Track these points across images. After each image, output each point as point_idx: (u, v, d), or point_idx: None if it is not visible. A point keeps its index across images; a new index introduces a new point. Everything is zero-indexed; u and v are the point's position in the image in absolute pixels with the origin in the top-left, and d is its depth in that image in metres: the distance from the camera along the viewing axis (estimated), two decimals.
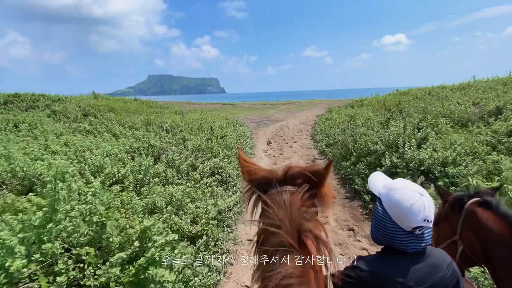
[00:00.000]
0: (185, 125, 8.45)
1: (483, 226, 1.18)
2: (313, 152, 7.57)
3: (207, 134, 7.68)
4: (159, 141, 5.20)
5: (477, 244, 1.20)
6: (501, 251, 1.12)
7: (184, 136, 6.59)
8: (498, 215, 1.17)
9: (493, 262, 1.16)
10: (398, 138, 4.58)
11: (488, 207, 1.21)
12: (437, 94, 11.71)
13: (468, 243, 1.24)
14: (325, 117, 11.73)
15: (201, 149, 5.62)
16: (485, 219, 1.18)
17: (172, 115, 12.37)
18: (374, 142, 4.87)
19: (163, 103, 23.00)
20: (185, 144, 6.01)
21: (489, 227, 1.16)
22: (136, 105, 16.12)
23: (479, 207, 1.23)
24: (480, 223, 1.19)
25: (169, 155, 4.36)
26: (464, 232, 1.25)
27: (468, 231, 1.23)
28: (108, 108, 12.26)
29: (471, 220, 1.22)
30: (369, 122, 6.88)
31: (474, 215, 1.22)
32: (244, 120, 14.63)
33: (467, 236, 1.24)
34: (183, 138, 6.58)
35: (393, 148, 4.57)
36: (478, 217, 1.20)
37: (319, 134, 8.93)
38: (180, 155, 4.52)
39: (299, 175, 0.71)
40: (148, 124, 8.50)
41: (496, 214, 1.18)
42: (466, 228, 1.24)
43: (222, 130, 9.17)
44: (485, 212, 1.20)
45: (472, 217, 1.22)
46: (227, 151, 6.59)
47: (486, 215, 1.19)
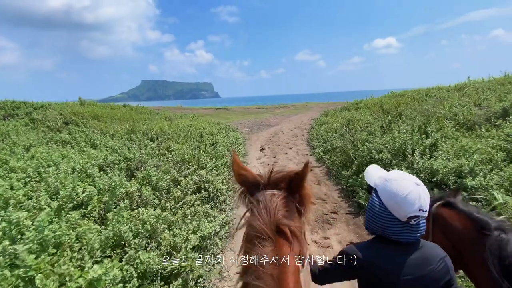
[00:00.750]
0: (172, 133, 7.88)
1: (450, 226, 1.23)
2: (310, 159, 7.06)
3: (195, 142, 7.12)
4: (139, 152, 4.63)
5: (448, 245, 1.22)
6: (470, 246, 1.16)
7: (169, 146, 6.02)
8: (461, 213, 1.22)
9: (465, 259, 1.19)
10: (405, 145, 4.10)
11: (451, 207, 1.26)
12: (434, 96, 11.40)
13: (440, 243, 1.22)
14: (321, 121, 11.28)
15: (187, 159, 5.06)
16: (450, 219, 1.24)
17: (161, 122, 11.79)
18: (378, 149, 4.38)
19: (154, 109, 22.34)
20: (169, 154, 5.44)
21: (455, 226, 1.21)
22: (124, 112, 15.48)
23: (443, 208, 1.28)
24: (446, 223, 1.24)
25: (147, 169, 3.79)
26: (435, 234, 1.29)
27: (438, 233, 1.28)
28: (92, 115, 11.63)
29: (438, 222, 1.28)
30: (369, 126, 6.42)
31: (440, 217, 1.27)
32: (237, 125, 14.10)
33: (438, 237, 1.27)
34: (168, 147, 6.01)
35: (400, 156, 4.09)
36: (444, 217, 1.26)
37: (315, 139, 8.44)
38: (159, 169, 3.95)
39: (281, 179, 0.79)
40: (132, 132, 7.91)
41: (459, 212, 1.23)
42: (437, 230, 1.29)
43: (213, 137, 8.62)
44: (449, 212, 1.26)
45: (439, 219, 1.28)
46: (217, 160, 6.04)
47: (451, 214, 1.25)
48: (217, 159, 6.18)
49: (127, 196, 3.20)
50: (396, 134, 4.49)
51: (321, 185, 5.25)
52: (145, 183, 3.64)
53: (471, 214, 1.20)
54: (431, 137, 4.08)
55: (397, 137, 4.37)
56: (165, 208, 3.30)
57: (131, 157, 4.17)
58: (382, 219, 0.93)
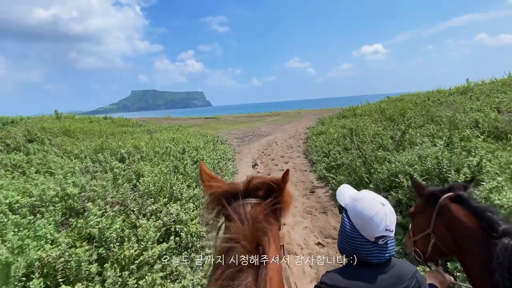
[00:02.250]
0: (148, 150, 6.74)
1: (455, 220, 1.21)
2: (311, 177, 6.02)
3: (174, 161, 5.99)
4: (89, 185, 3.48)
5: (449, 237, 1.21)
6: (472, 244, 1.14)
7: (139, 169, 4.88)
8: (469, 210, 1.19)
9: (465, 255, 1.19)
10: (440, 165, 3.10)
11: (460, 201, 1.23)
12: (438, 100, 10.64)
13: (440, 236, 1.26)
14: (317, 130, 10.32)
15: (156, 189, 3.94)
16: (457, 214, 1.21)
17: (142, 135, 10.60)
18: (404, 172, 3.36)
19: (140, 120, 21.09)
20: (135, 181, 4.31)
21: (460, 221, 1.19)
22: (105, 125, 14.23)
23: (452, 202, 1.25)
24: (452, 217, 1.22)
25: (89, 212, 2.65)
26: (437, 226, 1.27)
27: (441, 225, 1.26)
28: (63, 131, 10.35)
29: (443, 215, 1.25)
30: (377, 137, 5.44)
31: (446, 210, 1.24)
32: (226, 136, 13.03)
33: (439, 230, 1.26)
34: (137, 171, 4.87)
35: (434, 180, 3.08)
36: (450, 211, 1.23)
37: (313, 151, 7.43)
38: (106, 213, 2.81)
39: (261, 186, 0.72)
40: (102, 151, 6.74)
41: (467, 208, 1.20)
42: (439, 222, 1.26)
43: (198, 152, 7.52)
44: (457, 206, 1.22)
45: (445, 212, 1.25)
46: (198, 185, 4.92)
47: (458, 209, 1.21)
48: (197, 183, 5.06)
49: (45, 265, 2.06)
50: (425, 150, 3.48)
51: (328, 215, 4.20)
52: (83, 237, 2.51)
53: (481, 213, 1.14)
54: (475, 154, 3.09)
55: (428, 154, 3.36)
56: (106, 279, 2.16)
57: (72, 194, 3.02)
58: (352, 239, 0.94)
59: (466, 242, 1.17)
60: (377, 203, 0.93)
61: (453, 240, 1.21)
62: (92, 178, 4.44)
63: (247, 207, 0.67)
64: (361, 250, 0.93)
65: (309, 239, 3.57)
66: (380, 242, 0.91)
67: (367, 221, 0.90)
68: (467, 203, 1.20)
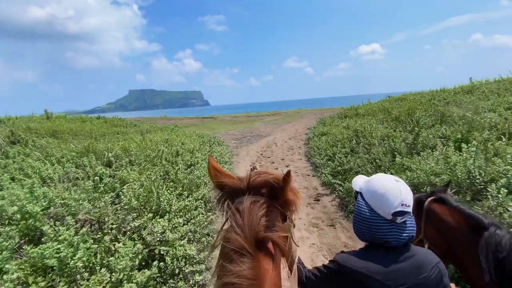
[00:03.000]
0: (138, 153, 6.22)
1: (442, 221, 1.25)
2: (314, 183, 5.54)
3: (165, 165, 5.48)
4: (59, 198, 2.97)
5: (440, 239, 1.25)
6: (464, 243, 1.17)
7: (123, 176, 4.37)
8: (452, 209, 1.24)
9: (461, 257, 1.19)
10: (471, 174, 2.63)
11: (443, 202, 1.29)
12: (444, 99, 10.21)
13: (432, 239, 1.29)
14: (319, 130, 9.84)
15: (141, 201, 3.43)
16: (443, 214, 1.26)
17: (135, 136, 10.06)
18: (429, 183, 2.87)
19: (135, 119, 20.50)
20: (119, 191, 3.81)
21: (447, 221, 1.23)
22: (97, 125, 13.68)
23: (435, 204, 1.31)
24: (439, 218, 1.26)
25: (46, 238, 2.14)
26: (427, 230, 1.31)
27: (430, 228, 1.29)
28: (50, 131, 9.80)
29: (431, 217, 1.30)
30: (387, 140, 4.96)
31: (432, 212, 1.29)
32: (224, 136, 12.52)
33: (430, 233, 1.30)
34: (121, 178, 4.36)
35: (466, 194, 2.60)
36: (436, 213, 1.28)
37: (316, 154, 6.94)
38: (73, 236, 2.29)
39: (263, 184, 0.73)
40: (88, 153, 6.22)
41: (450, 208, 1.25)
42: (428, 225, 1.30)
43: (192, 155, 7.01)
44: (441, 207, 1.28)
45: (431, 214, 1.29)
46: (191, 193, 4.43)
47: (443, 210, 1.27)
48: (191, 191, 4.56)
49: None
50: (453, 158, 2.99)
51: (337, 228, 3.71)
52: (39, 269, 2.00)
53: (464, 210, 1.20)
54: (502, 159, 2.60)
55: (457, 161, 2.87)
56: None
57: (33, 212, 2.50)
58: (368, 220, 0.92)
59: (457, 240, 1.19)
60: (390, 180, 0.93)
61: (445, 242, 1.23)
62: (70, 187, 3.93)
63: (248, 203, 0.69)
64: (379, 230, 0.90)
65: (317, 259, 3.08)
66: (398, 220, 0.88)
67: (382, 198, 0.89)
68: (450, 203, 1.25)
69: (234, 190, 0.73)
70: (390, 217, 0.87)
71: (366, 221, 0.92)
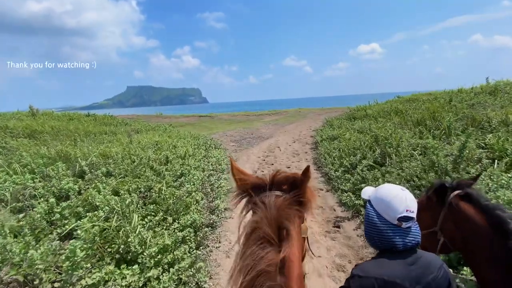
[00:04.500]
0: (119, 161, 5.23)
1: (465, 219, 1.21)
2: (330, 201, 4.56)
3: (148, 178, 4.49)
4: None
5: (457, 235, 1.23)
6: (482, 242, 1.15)
7: (90, 195, 3.37)
8: (478, 208, 1.20)
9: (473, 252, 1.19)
10: None
11: (469, 200, 1.23)
12: (464, 100, 9.26)
13: (448, 234, 1.27)
14: (327, 134, 8.87)
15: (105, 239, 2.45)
16: (468, 212, 1.21)
17: (124, 137, 9.04)
18: None
19: (127, 117, 19.42)
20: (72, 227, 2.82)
21: (471, 220, 1.19)
22: (85, 123, 12.62)
23: (461, 200, 1.25)
24: (463, 216, 1.22)
25: None
26: (445, 223, 1.28)
27: (449, 223, 1.26)
28: (29, 131, 8.77)
29: (453, 213, 1.25)
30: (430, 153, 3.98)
31: (457, 208, 1.24)
32: (221, 138, 11.52)
33: (447, 227, 1.27)
34: (87, 198, 3.36)
35: None
36: (461, 210, 1.23)
37: (329, 163, 5.96)
38: None
39: (284, 181, 0.80)
40: (62, 160, 5.25)
41: (477, 207, 1.20)
42: (448, 219, 1.27)
43: (184, 162, 6.02)
44: (467, 205, 1.23)
45: (455, 210, 1.24)
46: (178, 218, 3.46)
47: (468, 208, 1.22)
48: (178, 214, 3.58)
49: None
50: None
51: None
52: None
53: (490, 211, 1.16)
54: None
55: None
56: None
57: None
58: (376, 225, 0.98)
59: (475, 240, 1.17)
60: (396, 188, 1.00)
61: (460, 237, 1.22)
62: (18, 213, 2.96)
63: (272, 197, 0.75)
64: (385, 234, 0.95)
65: None
66: (403, 225, 0.94)
67: (388, 204, 0.96)
68: (477, 202, 1.21)
69: (256, 186, 0.81)
70: (395, 222, 0.94)
71: (375, 226, 0.98)
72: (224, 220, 3.99)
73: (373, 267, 0.93)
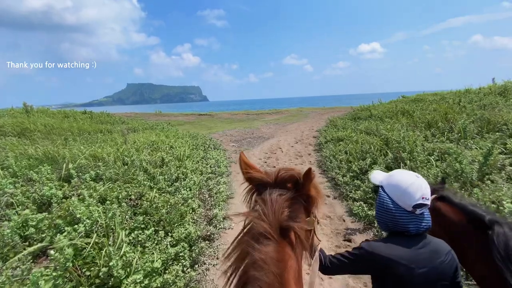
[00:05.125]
0: (111, 163, 4.85)
1: (447, 220, 1.26)
2: (339, 210, 4.19)
3: (141, 183, 4.12)
4: None
5: (446, 237, 1.19)
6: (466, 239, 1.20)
7: (71, 205, 2.99)
8: (456, 207, 1.26)
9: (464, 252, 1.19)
10: None
11: (446, 200, 1.31)
12: (474, 101, 8.88)
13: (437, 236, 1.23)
14: (331, 134, 8.50)
15: (90, 254, 2.09)
16: (447, 212, 1.27)
17: (119, 136, 8.65)
18: None
19: (125, 115, 19.02)
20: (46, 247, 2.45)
21: (451, 219, 1.25)
22: (80, 121, 12.22)
23: (439, 202, 1.31)
24: (443, 217, 1.27)
25: None
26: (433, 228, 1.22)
27: (436, 227, 1.25)
28: (20, 129, 8.40)
29: (435, 215, 1.25)
30: (452, 159, 3.61)
31: (437, 211, 1.29)
32: (221, 137, 11.15)
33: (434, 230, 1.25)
34: (68, 208, 2.98)
35: None
36: (441, 212, 1.28)
37: (335, 167, 5.59)
38: None
39: (289, 178, 0.80)
40: (52, 161, 4.91)
41: (453, 206, 1.27)
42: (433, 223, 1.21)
43: (181, 164, 5.65)
44: (444, 206, 1.29)
45: (436, 213, 1.28)
46: (172, 231, 3.09)
47: (447, 208, 1.28)
48: (171, 225, 3.21)
49: None
50: None
51: None
52: None
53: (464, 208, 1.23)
54: None
55: None
56: None
57: None
58: (391, 212, 0.99)
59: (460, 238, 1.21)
60: (411, 175, 1.00)
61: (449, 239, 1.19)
62: None
63: (275, 195, 0.75)
64: (400, 220, 0.97)
65: None
66: (417, 211, 0.96)
67: (404, 191, 0.96)
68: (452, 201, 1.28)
69: (262, 183, 0.81)
70: (410, 209, 0.96)
71: (390, 212, 0.99)
72: (223, 232, 3.63)
73: (381, 246, 0.96)
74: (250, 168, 0.85)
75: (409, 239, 0.96)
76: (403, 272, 0.91)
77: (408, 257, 0.93)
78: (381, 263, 0.93)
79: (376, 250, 0.95)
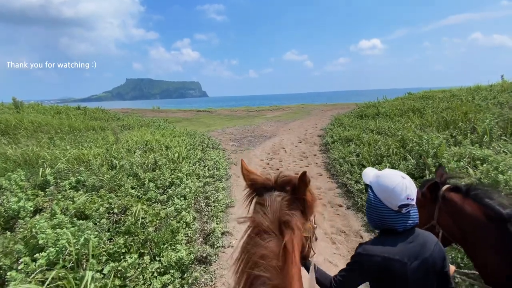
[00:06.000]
0: (95, 167, 4.31)
1: (460, 210, 1.25)
2: (354, 224, 3.66)
3: (128, 193, 3.59)
4: None
5: (455, 226, 1.27)
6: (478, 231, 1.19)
7: (34, 227, 2.46)
8: (470, 199, 1.24)
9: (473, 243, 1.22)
10: None
11: (459, 192, 1.28)
12: (487, 99, 8.34)
13: (445, 226, 1.31)
14: (338, 134, 7.96)
15: None
16: (461, 203, 1.25)
17: (111, 135, 8.08)
18: None
19: (122, 111, 18.41)
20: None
21: (465, 211, 1.23)
22: (72, 118, 11.60)
23: (452, 193, 1.30)
24: (457, 209, 1.26)
25: None
26: (441, 217, 1.32)
27: (445, 216, 1.30)
28: (3, 127, 7.84)
29: (447, 206, 1.29)
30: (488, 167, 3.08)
31: (450, 202, 1.29)
32: (220, 136, 10.60)
33: (444, 220, 1.31)
34: (30, 230, 2.45)
35: None
36: (455, 203, 1.27)
37: (346, 171, 5.06)
38: None
39: (288, 182, 0.83)
40: (30, 164, 4.40)
41: (468, 197, 1.25)
42: (443, 214, 1.31)
43: (175, 167, 5.12)
44: (458, 197, 1.28)
45: (448, 203, 1.29)
46: (160, 254, 2.57)
47: (460, 199, 1.26)
48: (160, 248, 2.68)
49: None
50: None
51: None
52: None
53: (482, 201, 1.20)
54: None
55: None
56: None
57: None
58: (378, 211, 1.03)
59: (474, 231, 1.20)
60: (397, 177, 1.02)
61: (458, 229, 1.25)
62: None
63: (274, 197, 0.79)
64: (387, 219, 1.02)
65: None
66: (403, 211, 1.00)
67: (390, 193, 0.99)
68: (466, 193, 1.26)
69: (263, 186, 0.84)
70: (396, 209, 0.99)
71: (378, 211, 1.03)
72: (221, 251, 3.10)
73: (375, 246, 1.01)
74: (251, 173, 0.90)
75: (398, 236, 1.01)
76: (398, 268, 0.95)
77: (400, 252, 0.97)
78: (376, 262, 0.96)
79: (371, 251, 0.99)
